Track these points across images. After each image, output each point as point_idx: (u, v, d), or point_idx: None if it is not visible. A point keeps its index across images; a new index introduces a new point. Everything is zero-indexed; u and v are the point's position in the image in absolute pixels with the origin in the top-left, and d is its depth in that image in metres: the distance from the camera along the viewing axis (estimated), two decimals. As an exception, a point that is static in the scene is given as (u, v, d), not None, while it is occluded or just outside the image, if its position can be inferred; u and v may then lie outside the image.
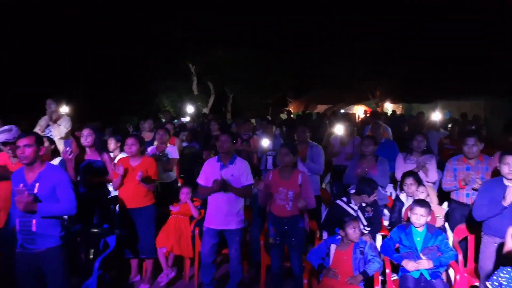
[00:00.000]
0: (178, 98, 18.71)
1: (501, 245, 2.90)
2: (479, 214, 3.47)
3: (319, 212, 5.25)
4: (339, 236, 3.63)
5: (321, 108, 21.43)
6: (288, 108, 21.44)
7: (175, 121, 10.92)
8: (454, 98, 15.56)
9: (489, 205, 3.39)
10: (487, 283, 2.56)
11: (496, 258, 3.25)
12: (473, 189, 4.06)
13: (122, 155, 4.86)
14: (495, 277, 2.53)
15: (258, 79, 19.46)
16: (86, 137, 4.41)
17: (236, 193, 4.06)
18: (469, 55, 16.61)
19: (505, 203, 3.22)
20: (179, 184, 5.81)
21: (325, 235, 4.35)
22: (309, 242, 4.34)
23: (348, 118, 11.21)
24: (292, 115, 14.17)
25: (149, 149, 5.59)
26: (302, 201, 3.85)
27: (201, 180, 4.20)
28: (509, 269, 2.47)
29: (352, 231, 3.54)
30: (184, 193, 4.75)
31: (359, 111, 18.73)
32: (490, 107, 14.31)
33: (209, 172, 4.14)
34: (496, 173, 3.73)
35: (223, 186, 3.96)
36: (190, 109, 15.16)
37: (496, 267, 2.82)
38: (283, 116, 14.37)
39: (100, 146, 4.62)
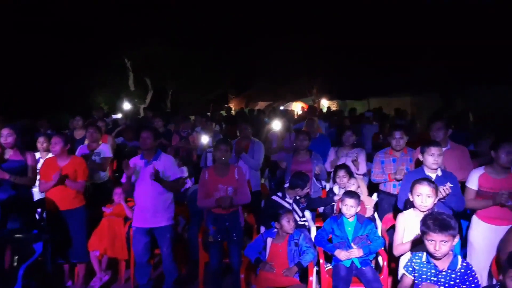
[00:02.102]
0: (114, 94, 17.94)
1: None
2: (402, 202, 3.71)
3: (260, 207, 5.33)
4: (275, 229, 3.71)
5: (262, 104, 21.71)
6: (229, 105, 21.45)
7: (109, 118, 10.47)
8: (384, 95, 16.54)
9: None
10: (403, 270, 2.73)
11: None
12: (398, 180, 4.32)
13: (50, 155, 4.56)
14: (409, 263, 2.69)
15: (198, 75, 19.24)
16: (6, 137, 4.11)
17: (165, 187, 3.95)
18: (398, 55, 17.69)
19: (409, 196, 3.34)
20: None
21: (263, 230, 4.41)
22: (246, 236, 4.39)
23: (287, 114, 11.49)
24: (232, 112, 14.19)
25: (80, 148, 5.31)
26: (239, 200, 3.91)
27: (125, 179, 4.05)
28: (420, 254, 2.64)
29: (286, 223, 3.63)
30: (118, 194, 4.57)
31: (297, 107, 19.23)
32: (416, 103, 15.40)
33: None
34: (418, 164, 4.01)
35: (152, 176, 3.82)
36: (126, 105, 14.61)
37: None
38: (224, 112, 14.31)
39: (23, 146, 4.32)
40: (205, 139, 6.40)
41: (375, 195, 4.79)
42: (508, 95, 11.65)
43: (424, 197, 3.03)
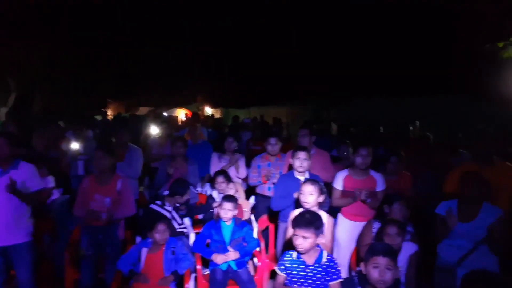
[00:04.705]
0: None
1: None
2: (275, 204, 3.93)
3: (137, 216, 5.08)
4: (150, 239, 3.57)
5: (143, 110, 20.92)
6: (108, 109, 20.15)
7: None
8: (264, 104, 17.44)
9: (283, 196, 3.87)
10: (276, 268, 2.88)
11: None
12: (273, 183, 4.56)
13: None
14: (281, 262, 2.84)
15: (74, 78, 17.65)
16: None
17: (24, 199, 3.52)
18: (277, 67, 18.81)
19: (295, 194, 3.71)
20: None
21: (139, 240, 4.21)
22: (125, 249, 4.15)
23: (170, 121, 11.29)
24: (108, 117, 13.38)
25: None
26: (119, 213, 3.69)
27: None
28: (291, 252, 2.82)
29: (160, 233, 3.52)
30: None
31: (181, 114, 19.05)
32: (292, 112, 16.59)
33: None
34: (290, 168, 4.30)
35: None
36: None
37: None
38: (100, 117, 13.40)
39: None
40: (75, 145, 5.87)
41: (252, 198, 4.97)
42: (367, 107, 13.39)
43: (307, 194, 3.23)
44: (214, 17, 19.67)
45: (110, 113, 18.50)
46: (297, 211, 3.34)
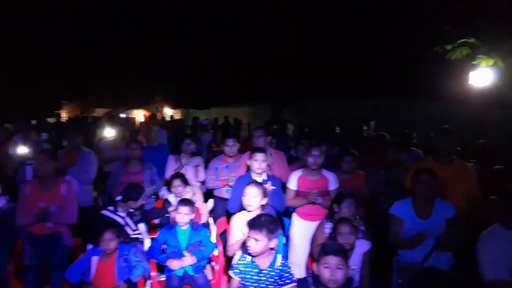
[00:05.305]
0: None
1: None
2: (233, 206, 3.88)
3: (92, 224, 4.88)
4: (101, 248, 3.43)
5: (100, 111, 20.20)
6: (61, 111, 19.31)
7: None
8: (225, 104, 17.38)
9: (241, 198, 3.83)
10: (230, 272, 2.84)
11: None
12: (230, 186, 4.52)
13: None
14: (236, 265, 2.81)
15: (25, 78, 16.77)
16: None
17: None
18: (239, 68, 18.79)
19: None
20: None
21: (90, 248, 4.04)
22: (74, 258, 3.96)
23: (128, 122, 10.97)
24: (61, 118, 12.83)
25: None
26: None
27: None
28: (246, 256, 2.79)
29: (106, 242, 3.38)
30: None
31: (139, 115, 18.59)
32: (252, 112, 16.65)
33: None
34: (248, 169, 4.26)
35: None
36: None
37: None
38: (53, 119, 12.78)
39: None
40: (22, 149, 5.57)
41: (211, 201, 4.90)
42: (325, 108, 13.69)
43: (250, 197, 3.20)
44: (174, 16, 19.39)
45: (64, 115, 17.75)
46: (240, 215, 3.33)
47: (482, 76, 7.14)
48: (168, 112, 19.36)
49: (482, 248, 2.57)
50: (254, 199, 3.20)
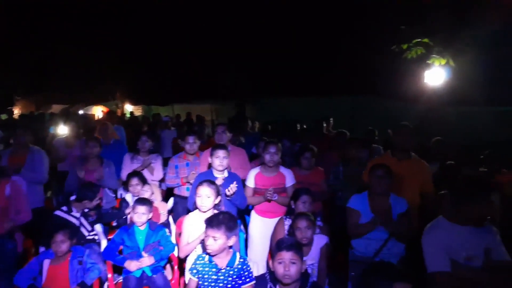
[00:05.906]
0: None
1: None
2: (193, 204, 3.82)
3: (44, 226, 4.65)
4: (52, 250, 3.28)
5: (56, 108, 19.38)
6: (15, 108, 18.36)
7: None
8: (188, 101, 17.18)
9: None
10: (187, 273, 2.78)
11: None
12: (190, 183, 4.44)
13: None
14: (193, 265, 2.75)
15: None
16: None
17: None
18: (201, 65, 18.63)
19: None
20: None
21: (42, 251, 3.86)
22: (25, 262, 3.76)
23: (86, 119, 10.57)
24: (14, 115, 12.20)
25: None
26: (9, 221, 3.29)
27: None
28: (204, 255, 2.75)
29: (57, 244, 3.25)
30: None
31: (98, 112, 18.02)
32: (216, 109, 16.56)
33: None
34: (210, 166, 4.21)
35: None
36: None
37: None
38: (4, 116, 12.11)
39: None
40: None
41: (170, 200, 4.81)
42: (287, 106, 13.89)
43: (204, 197, 3.16)
44: (136, 9, 18.89)
45: (17, 112, 16.88)
46: (192, 214, 3.28)
47: (435, 75, 7.46)
48: (129, 108, 18.89)
49: (425, 240, 2.60)
50: (207, 199, 3.16)
